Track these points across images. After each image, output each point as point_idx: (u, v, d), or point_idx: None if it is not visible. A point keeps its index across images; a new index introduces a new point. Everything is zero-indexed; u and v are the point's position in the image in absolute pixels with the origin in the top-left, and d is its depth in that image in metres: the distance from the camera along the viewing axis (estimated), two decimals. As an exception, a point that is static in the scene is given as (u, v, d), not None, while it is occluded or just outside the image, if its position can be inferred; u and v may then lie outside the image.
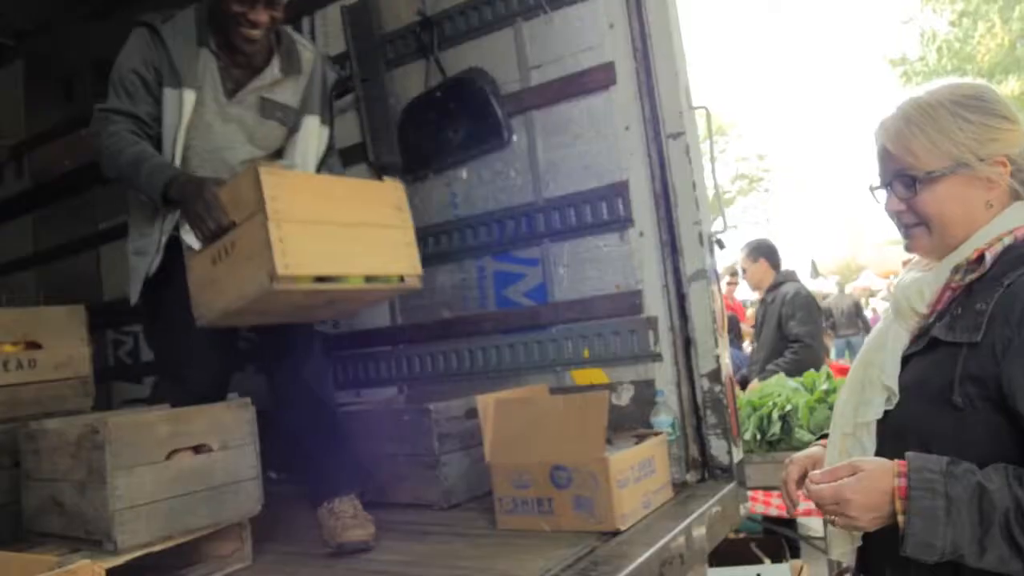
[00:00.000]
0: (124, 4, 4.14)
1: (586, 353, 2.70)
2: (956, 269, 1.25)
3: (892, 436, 1.25)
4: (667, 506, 2.22)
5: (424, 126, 3.02)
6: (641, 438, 2.31)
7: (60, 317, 2.24)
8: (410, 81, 3.11)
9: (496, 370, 2.89)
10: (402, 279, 2.11)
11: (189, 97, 2.23)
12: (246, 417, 2.07)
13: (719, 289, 2.50)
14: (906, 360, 1.28)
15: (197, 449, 1.97)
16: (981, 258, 1.22)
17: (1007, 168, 1.24)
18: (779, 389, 3.37)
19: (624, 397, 2.58)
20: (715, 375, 2.42)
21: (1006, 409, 1.12)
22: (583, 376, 2.71)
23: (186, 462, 1.93)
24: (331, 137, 2.52)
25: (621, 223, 2.63)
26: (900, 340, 1.31)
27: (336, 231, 1.94)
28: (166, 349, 2.43)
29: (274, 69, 2.33)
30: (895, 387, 1.26)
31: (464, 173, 3.00)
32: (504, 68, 2.87)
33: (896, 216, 1.33)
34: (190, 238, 2.13)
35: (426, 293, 3.07)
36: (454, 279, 3.04)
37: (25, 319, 2.18)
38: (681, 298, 2.49)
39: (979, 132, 1.25)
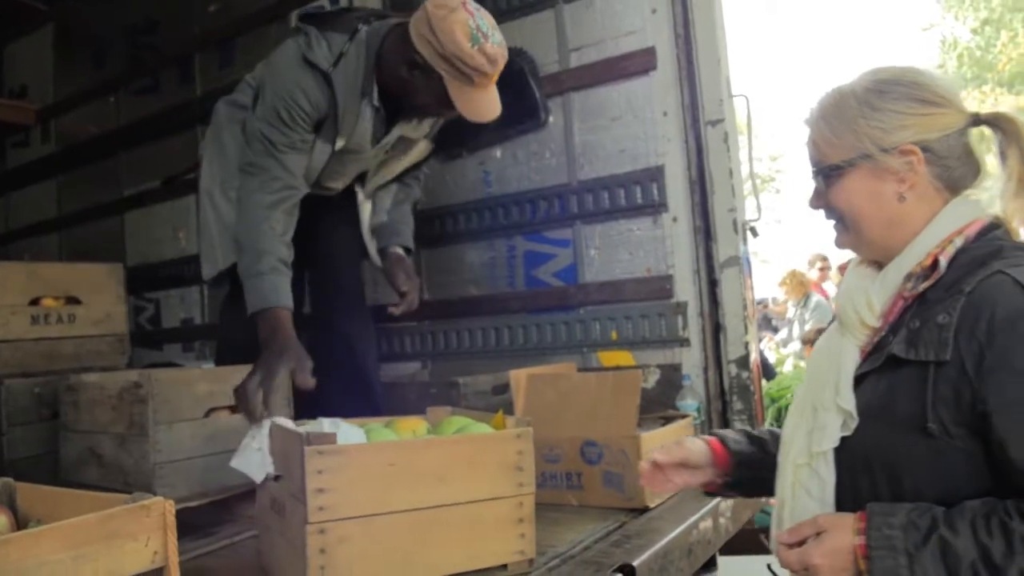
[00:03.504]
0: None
1: (614, 335, 2.71)
2: (908, 277, 1.17)
3: (855, 467, 1.15)
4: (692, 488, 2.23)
5: (460, 104, 3.03)
6: (667, 420, 2.33)
7: (100, 274, 2.26)
8: (447, 58, 3.11)
9: (522, 349, 2.91)
10: (505, 567, 1.50)
11: (338, 145, 2.18)
12: (282, 380, 2.08)
13: (751, 276, 2.51)
14: (860, 379, 1.17)
15: (233, 409, 2.00)
16: (935, 263, 1.14)
17: (918, 157, 1.15)
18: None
19: (650, 380, 2.60)
20: (743, 361, 2.44)
21: (982, 433, 1.03)
22: (610, 358, 2.73)
23: (223, 420, 1.96)
24: (430, 151, 2.51)
25: (655, 207, 2.64)
26: (851, 356, 1.20)
27: (414, 522, 1.40)
28: (235, 330, 2.33)
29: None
30: (853, 410, 1.14)
31: (498, 152, 3.01)
32: (544, 49, 2.87)
33: (823, 213, 1.27)
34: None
35: (454, 269, 3.11)
36: (483, 257, 3.06)
37: (66, 274, 2.21)
38: (713, 284, 2.51)
39: (885, 120, 1.17)
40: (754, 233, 2.53)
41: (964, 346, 1.04)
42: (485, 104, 2.03)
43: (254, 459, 1.59)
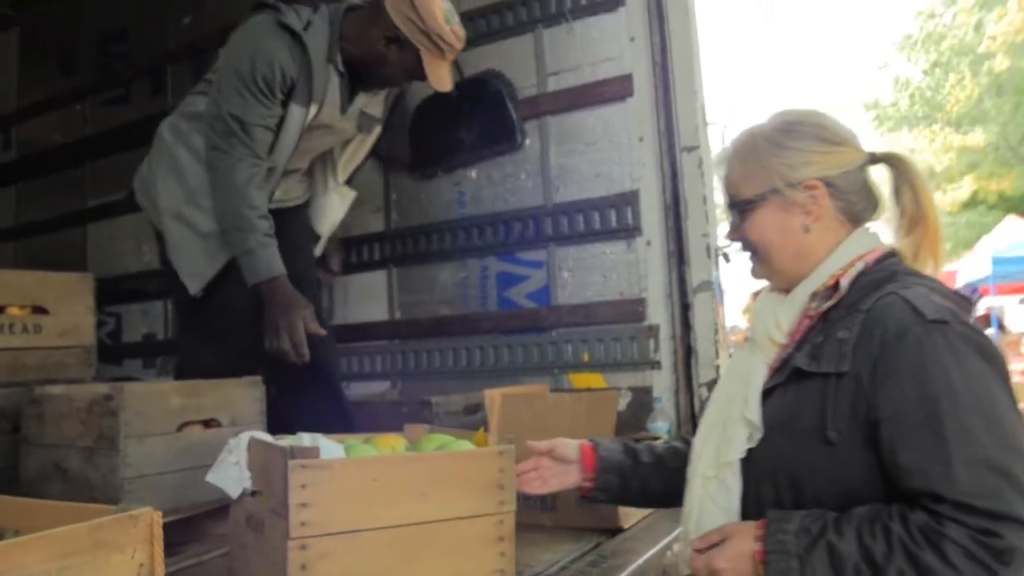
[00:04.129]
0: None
1: (586, 357, 2.73)
2: (813, 296, 1.25)
3: (760, 477, 1.21)
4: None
5: (437, 124, 3.04)
6: (638, 442, 2.34)
7: (69, 284, 2.21)
8: (425, 79, 3.13)
9: (494, 369, 2.91)
10: None
11: (312, 112, 2.28)
12: (256, 395, 2.06)
13: (722, 302, 2.56)
14: (767, 393, 1.24)
15: (207, 424, 1.96)
16: (837, 285, 1.23)
17: (821, 192, 1.25)
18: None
19: (622, 402, 2.61)
20: (714, 384, 2.47)
21: (875, 441, 1.10)
22: (581, 380, 2.74)
23: (196, 436, 1.92)
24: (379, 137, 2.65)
25: (629, 231, 2.68)
26: (759, 372, 1.27)
27: (396, 539, 1.37)
28: (201, 352, 2.38)
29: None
30: (758, 422, 1.22)
31: (474, 173, 3.03)
32: (522, 72, 2.91)
33: (740, 245, 1.36)
34: None
35: (425, 289, 3.11)
36: (456, 277, 3.06)
37: (34, 283, 2.15)
38: (685, 308, 2.55)
39: (790, 157, 1.26)
40: (727, 259, 2.57)
41: (860, 359, 1.13)
42: (446, 76, 2.33)
43: (231, 473, 1.56)
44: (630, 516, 2.02)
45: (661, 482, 1.52)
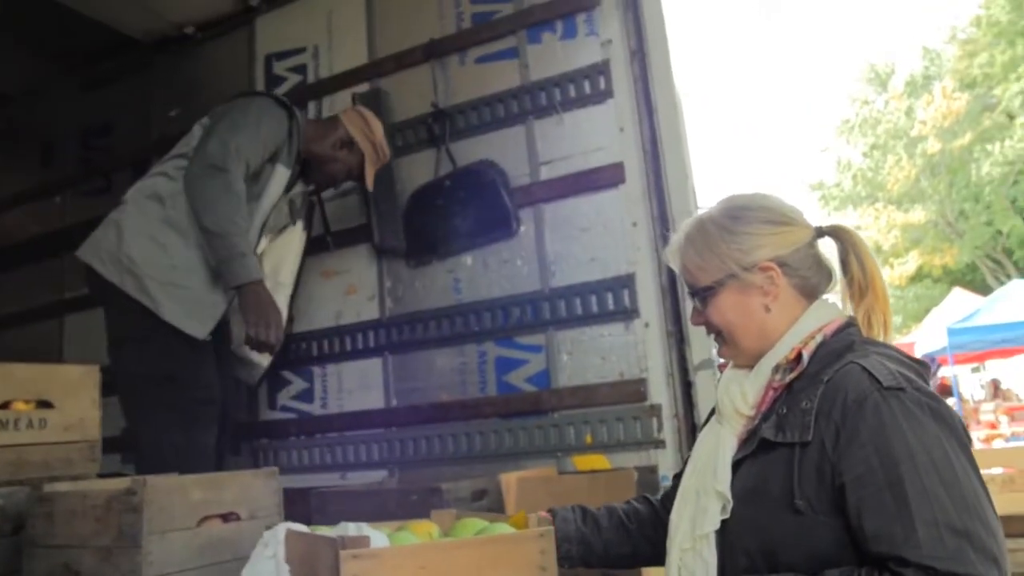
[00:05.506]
0: (116, 78, 4.20)
1: (589, 439, 2.75)
2: (776, 368, 1.30)
3: (734, 547, 1.24)
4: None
5: (431, 212, 3.11)
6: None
7: (74, 376, 2.17)
8: (417, 169, 3.22)
9: (495, 454, 2.90)
10: None
11: (286, 175, 2.76)
12: (273, 487, 2.03)
13: (723, 380, 2.62)
14: (736, 465, 1.28)
15: (225, 518, 1.92)
16: (799, 357, 1.27)
17: (776, 272, 1.32)
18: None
19: (629, 483, 2.62)
20: (721, 463, 2.50)
21: (842, 507, 1.13)
22: (585, 462, 2.75)
23: (215, 530, 1.88)
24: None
25: (627, 314, 2.73)
26: (728, 444, 1.31)
27: None
28: (172, 431, 2.53)
29: None
30: (728, 493, 1.26)
31: (469, 260, 3.08)
32: (515, 162, 3.01)
33: (704, 329, 1.43)
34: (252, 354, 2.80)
35: (422, 375, 3.11)
36: (453, 363, 3.07)
37: (40, 376, 2.11)
38: (687, 386, 2.59)
39: (742, 242, 1.33)
40: (724, 338, 2.64)
41: (823, 427, 1.16)
42: (373, 178, 2.92)
43: (267, 568, 1.53)
44: (654, 598, 2.01)
45: (627, 546, 1.58)
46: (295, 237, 3.15)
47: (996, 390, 13.07)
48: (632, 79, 2.81)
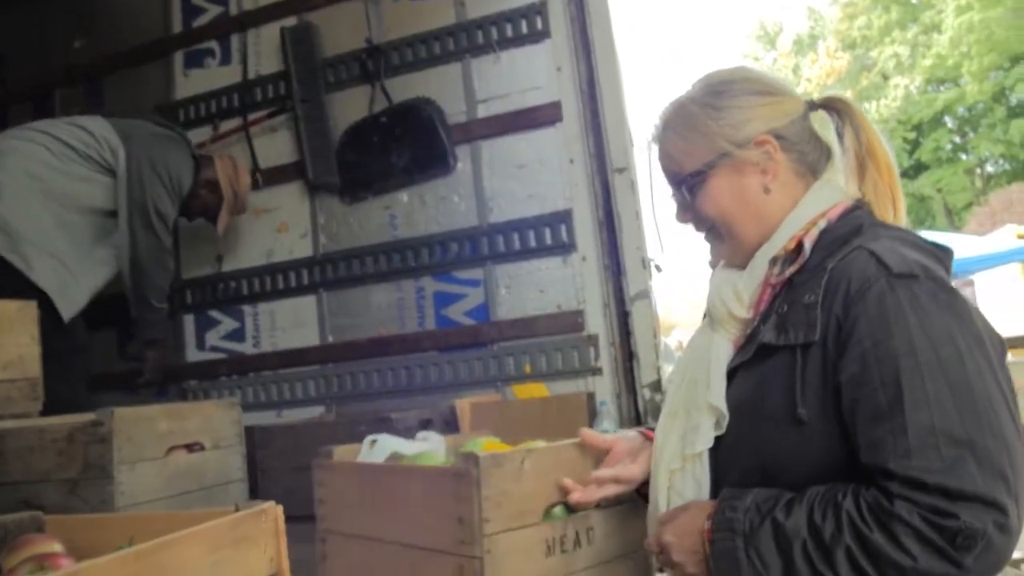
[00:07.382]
0: (8, 3, 3.92)
1: (528, 368, 2.86)
2: (773, 262, 1.14)
3: (728, 466, 1.12)
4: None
5: (366, 149, 3.10)
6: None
7: (11, 312, 2.08)
8: (350, 105, 3.18)
9: (435, 386, 2.97)
10: None
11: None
12: (234, 417, 2.04)
13: (657, 308, 2.77)
14: (732, 373, 1.13)
15: (190, 448, 1.93)
16: (799, 247, 1.12)
17: (773, 145, 1.15)
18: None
19: (567, 408, 2.75)
20: (656, 385, 2.66)
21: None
22: (524, 391, 2.86)
23: (183, 460, 1.89)
24: None
25: (564, 248, 2.83)
26: (723, 351, 1.16)
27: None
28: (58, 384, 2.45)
29: None
30: (724, 407, 1.11)
31: (405, 196, 3.10)
32: (451, 100, 3.02)
33: (692, 227, 1.25)
34: None
35: (359, 312, 3.13)
36: (391, 298, 3.10)
37: (-25, 313, 2.02)
38: (624, 316, 2.73)
39: (731, 116, 1.16)
40: (659, 269, 2.79)
41: (825, 322, 1.02)
42: (226, 226, 3.10)
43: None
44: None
45: None
46: None
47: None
48: (569, 19, 2.87)
